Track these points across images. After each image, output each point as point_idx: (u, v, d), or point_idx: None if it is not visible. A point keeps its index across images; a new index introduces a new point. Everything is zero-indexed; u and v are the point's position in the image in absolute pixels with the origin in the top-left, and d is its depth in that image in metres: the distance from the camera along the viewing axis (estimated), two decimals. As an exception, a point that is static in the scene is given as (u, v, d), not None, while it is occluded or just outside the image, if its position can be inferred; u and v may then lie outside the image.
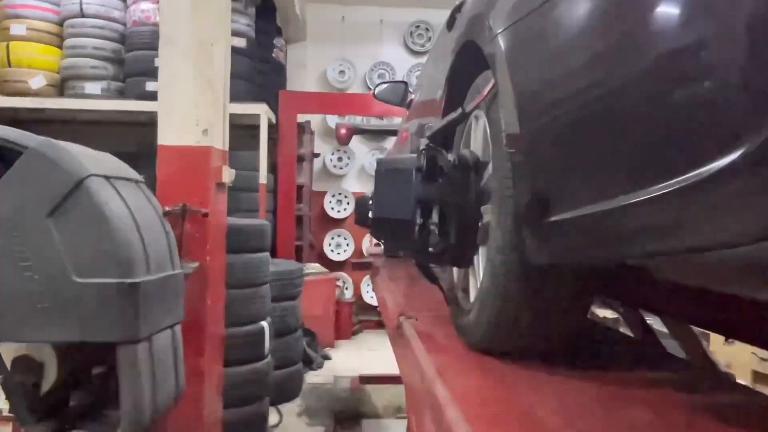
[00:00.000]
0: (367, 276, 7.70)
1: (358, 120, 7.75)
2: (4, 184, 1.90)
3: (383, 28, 7.96)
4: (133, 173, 2.32)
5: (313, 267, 6.43)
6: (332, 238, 7.87)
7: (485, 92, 1.12)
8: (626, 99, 0.72)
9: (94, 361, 2.33)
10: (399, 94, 3.30)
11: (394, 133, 7.63)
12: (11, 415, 2.19)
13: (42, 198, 1.88)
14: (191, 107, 2.58)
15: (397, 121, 7.74)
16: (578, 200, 0.83)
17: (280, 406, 4.14)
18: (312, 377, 5.18)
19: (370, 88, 7.84)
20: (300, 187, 7.20)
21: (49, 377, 2.06)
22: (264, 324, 3.30)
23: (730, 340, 3.00)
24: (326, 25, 7.88)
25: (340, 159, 7.95)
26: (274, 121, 6.44)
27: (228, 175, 2.79)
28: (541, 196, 0.90)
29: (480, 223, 1.23)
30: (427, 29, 7.90)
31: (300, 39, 7.78)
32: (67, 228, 1.88)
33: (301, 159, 7.24)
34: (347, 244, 7.87)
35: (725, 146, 0.60)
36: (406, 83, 3.35)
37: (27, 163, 1.90)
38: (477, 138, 1.28)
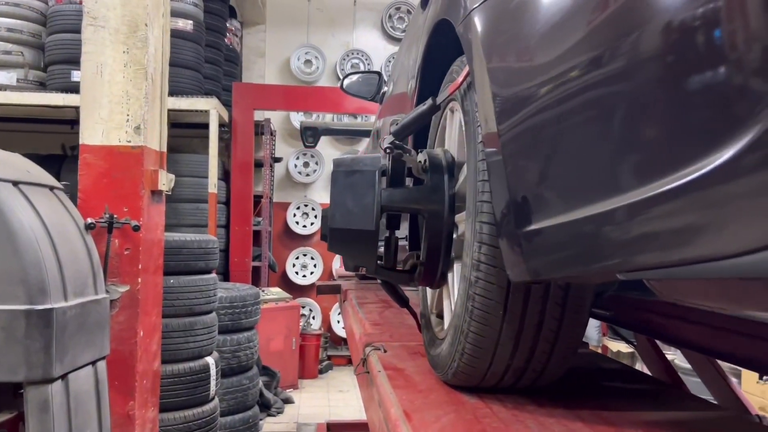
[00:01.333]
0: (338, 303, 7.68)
1: (328, 118, 7.76)
2: None
3: (357, 10, 8.02)
4: (48, 178, 2.28)
5: (273, 292, 6.39)
6: (296, 258, 7.85)
7: (459, 80, 1.12)
8: (627, 82, 0.73)
9: (-2, 406, 2.28)
10: (371, 87, 3.31)
11: (368, 134, 7.67)
12: None
13: (-66, 208, 1.84)
14: (121, 100, 2.55)
15: (374, 120, 7.79)
16: (565, 204, 0.83)
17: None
18: (270, 425, 5.12)
19: (343, 82, 7.87)
20: (258, 198, 7.18)
21: (-59, 426, 2.01)
22: (210, 360, 3.25)
23: (765, 378, 3.03)
24: (290, 6, 7.92)
25: (306, 164, 7.96)
26: (226, 118, 6.42)
27: (166, 181, 2.77)
28: (520, 201, 0.90)
29: (455, 235, 1.23)
30: (408, 11, 7.96)
31: (258, 22, 7.81)
32: (-36, 243, 1.84)
33: (259, 164, 7.22)
34: (314, 265, 7.85)
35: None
36: (380, 74, 3.36)
37: None
38: (452, 135, 1.28)
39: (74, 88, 5.25)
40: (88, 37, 2.56)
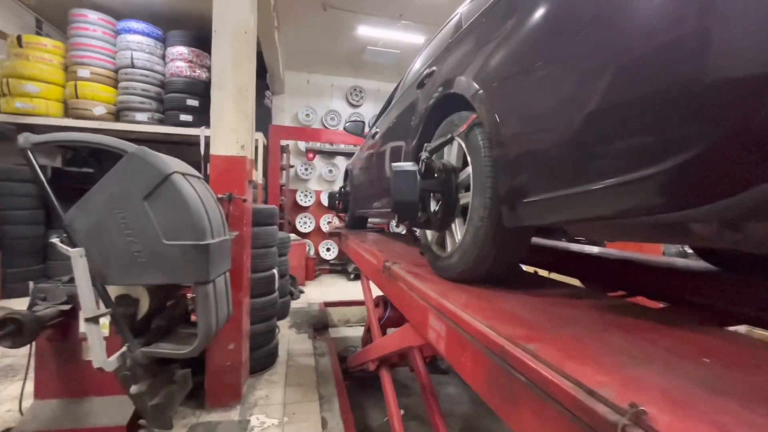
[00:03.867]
0: (324, 240, 7.53)
1: (317, 145, 7.51)
2: (110, 177, 1.65)
3: (333, 89, 7.74)
4: (196, 172, 2.09)
5: (292, 236, 6.18)
6: (300, 218, 7.61)
7: (467, 123, 1.10)
8: (568, 138, 0.73)
9: (168, 296, 2.11)
10: (360, 129, 3.23)
11: (340, 153, 7.49)
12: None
13: (140, 187, 1.65)
14: (233, 130, 2.37)
15: (342, 147, 7.60)
16: (543, 189, 0.83)
17: (279, 322, 3.97)
18: (294, 304, 5.02)
19: (325, 125, 7.62)
20: (281, 186, 6.88)
21: (143, 308, 1.84)
22: (274, 271, 3.12)
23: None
24: (298, 84, 7.54)
25: (306, 169, 7.67)
26: (266, 143, 6.08)
27: (254, 176, 2.60)
28: (519, 186, 0.90)
29: (457, 204, 1.22)
30: (360, 91, 7.76)
31: (281, 92, 7.39)
32: (158, 207, 1.67)
33: (282, 168, 6.91)
34: (310, 223, 7.63)
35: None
36: (364, 122, 3.27)
37: (128, 163, 1.66)
38: (452, 153, 1.24)
39: (180, 124, 4.83)
40: (214, 95, 2.35)
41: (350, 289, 6.18)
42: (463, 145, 1.16)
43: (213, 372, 2.33)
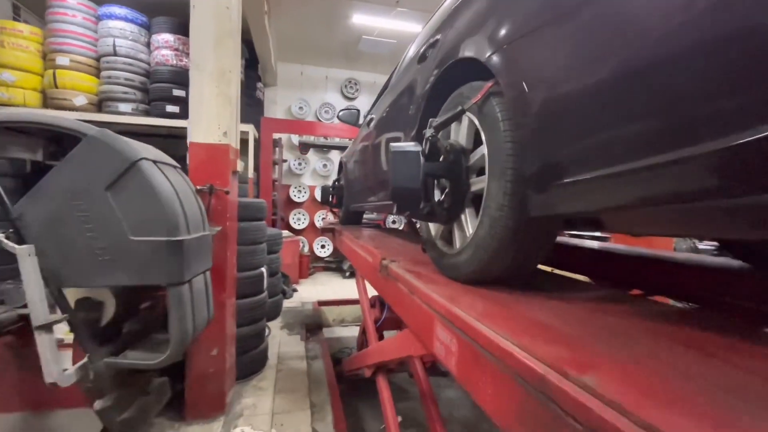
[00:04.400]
0: (319, 237, 7.34)
1: (311, 139, 7.29)
2: (66, 163, 1.44)
3: (328, 81, 7.51)
4: (171, 161, 1.89)
5: (285, 233, 5.98)
6: (294, 215, 7.40)
7: (483, 92, 0.91)
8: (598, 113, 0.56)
9: (142, 297, 1.91)
10: (354, 118, 3.03)
11: (335, 147, 7.28)
12: (72, 343, 1.72)
13: (101, 175, 1.44)
14: (215, 116, 2.16)
15: (336, 140, 7.38)
16: (585, 167, 0.65)
17: (269, 323, 3.77)
18: (287, 303, 4.83)
19: (319, 119, 7.40)
20: (274, 181, 6.66)
21: (108, 313, 1.63)
22: (262, 269, 2.92)
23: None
24: (291, 76, 7.30)
25: (299, 164, 7.44)
26: (257, 137, 5.84)
27: (239, 166, 2.39)
28: (552, 166, 0.71)
29: (468, 192, 1.03)
30: (355, 83, 7.54)
31: (273, 84, 7.16)
32: (123, 199, 1.46)
33: (275, 163, 6.68)
34: (304, 219, 7.43)
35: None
36: (358, 110, 3.07)
37: (87, 147, 1.45)
38: (461, 131, 1.06)
39: (167, 115, 4.58)
40: (194, 76, 2.13)
41: (345, 287, 6.00)
42: (476, 120, 0.97)
43: (194, 380, 2.14)
